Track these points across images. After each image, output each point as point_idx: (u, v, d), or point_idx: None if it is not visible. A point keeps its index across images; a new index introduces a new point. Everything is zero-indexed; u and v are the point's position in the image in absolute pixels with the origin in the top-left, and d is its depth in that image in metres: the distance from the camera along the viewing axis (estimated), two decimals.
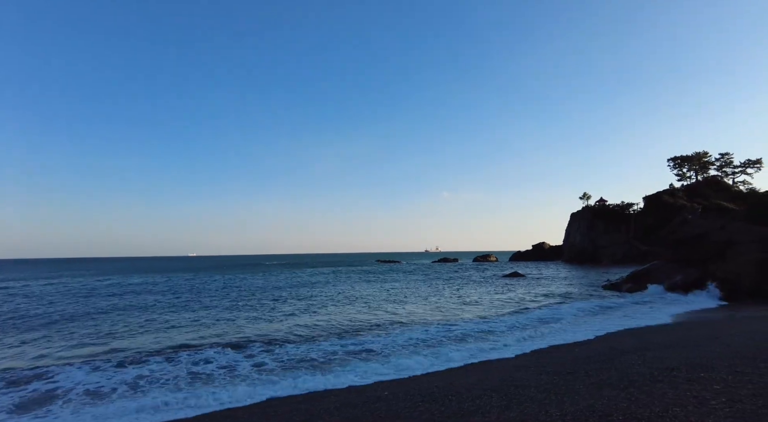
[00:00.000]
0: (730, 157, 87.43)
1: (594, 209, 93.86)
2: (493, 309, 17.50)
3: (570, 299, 19.85)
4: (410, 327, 13.04)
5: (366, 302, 22.58)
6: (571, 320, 13.77)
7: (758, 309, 16.39)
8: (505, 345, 9.88)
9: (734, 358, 7.12)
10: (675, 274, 25.85)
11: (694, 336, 10.71)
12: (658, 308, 17.85)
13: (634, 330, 11.73)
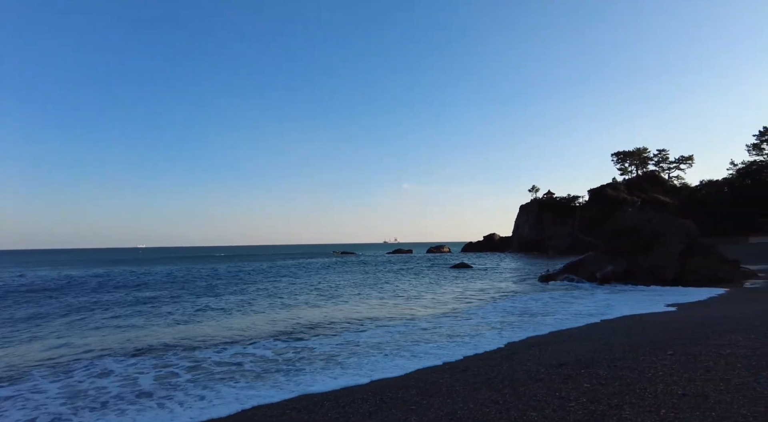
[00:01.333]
0: (666, 153, 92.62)
1: (542, 201, 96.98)
2: (429, 309, 17.25)
3: (502, 296, 19.84)
4: (329, 329, 12.34)
5: (295, 296, 21.85)
6: (495, 321, 13.44)
7: None
8: (440, 346, 9.47)
9: (624, 351, 7.03)
10: (606, 265, 26.71)
11: (603, 327, 10.78)
12: (583, 301, 18.22)
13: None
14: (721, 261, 25.66)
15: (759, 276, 24.81)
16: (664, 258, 25.32)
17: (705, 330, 8.26)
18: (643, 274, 25.34)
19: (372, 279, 32.11)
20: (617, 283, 25.18)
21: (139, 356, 9.56)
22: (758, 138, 73.63)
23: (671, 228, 26.56)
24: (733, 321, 9.14)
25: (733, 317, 9.94)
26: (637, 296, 18.41)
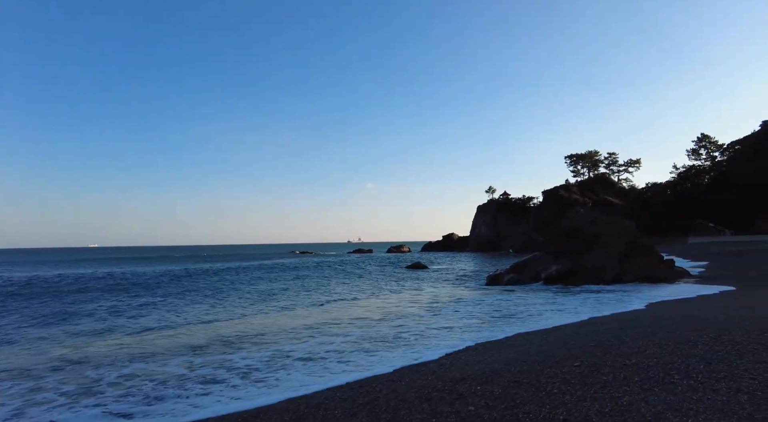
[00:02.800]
0: (616, 156, 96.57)
1: (498, 202, 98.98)
2: (357, 317, 16.53)
3: (443, 300, 19.28)
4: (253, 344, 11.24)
5: (227, 301, 20.67)
6: (418, 330, 12.65)
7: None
8: (325, 367, 8.54)
9: (534, 362, 6.56)
10: (550, 265, 26.94)
11: (530, 335, 10.39)
12: (520, 306, 18.05)
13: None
14: (658, 261, 26.39)
15: (691, 275, 25.64)
16: (606, 258, 25.77)
17: (622, 336, 7.96)
18: (586, 274, 25.67)
19: (327, 282, 31.18)
20: (560, 284, 25.38)
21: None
22: (697, 144, 77.81)
23: (613, 229, 27.12)
24: (654, 325, 8.94)
25: (656, 320, 9.80)
26: (574, 298, 18.41)
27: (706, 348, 6.30)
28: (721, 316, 9.53)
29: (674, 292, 18.50)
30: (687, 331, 7.85)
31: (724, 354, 5.79)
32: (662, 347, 6.66)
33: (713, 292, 16.88)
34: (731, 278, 23.02)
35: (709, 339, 6.87)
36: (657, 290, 20.11)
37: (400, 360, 8.29)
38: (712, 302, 13.53)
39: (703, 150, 77.68)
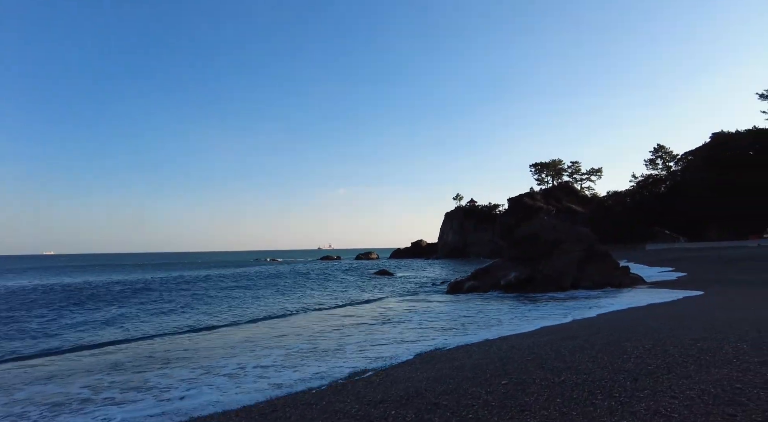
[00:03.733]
0: (578, 165, 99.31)
1: (465, 209, 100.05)
2: (303, 328, 15.91)
3: (404, 311, 18.87)
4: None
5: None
6: (362, 341, 12.18)
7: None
8: (238, 385, 7.87)
9: (464, 378, 6.14)
10: (510, 272, 26.97)
11: (475, 347, 10.03)
12: (477, 315, 17.82)
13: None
14: (614, 267, 26.82)
15: (646, 282, 26.10)
16: (564, 265, 25.98)
17: (562, 349, 7.68)
18: (544, 281, 25.78)
19: (270, 292, 30.26)
20: (519, 291, 25.38)
21: None
22: (653, 154, 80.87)
23: (571, 236, 27.44)
24: (596, 335, 8.75)
25: (601, 330, 9.63)
26: (529, 306, 18.33)
27: (638, 361, 6.04)
28: (664, 325, 9.43)
29: (626, 299, 18.67)
30: (626, 342, 7.64)
31: (654, 368, 5.52)
32: (596, 361, 6.37)
33: (664, 299, 17.04)
34: (685, 284, 23.58)
35: (644, 351, 6.65)
36: (611, 297, 20.30)
37: (328, 377, 7.73)
38: (660, 309, 13.58)
39: (660, 160, 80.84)
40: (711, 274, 28.80)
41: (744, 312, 10.62)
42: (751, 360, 5.45)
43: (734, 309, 11.58)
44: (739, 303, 13.14)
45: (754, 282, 21.23)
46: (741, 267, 30.61)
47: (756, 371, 4.96)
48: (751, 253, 38.97)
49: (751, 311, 10.86)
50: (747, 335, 7.20)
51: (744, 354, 5.87)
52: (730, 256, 38.67)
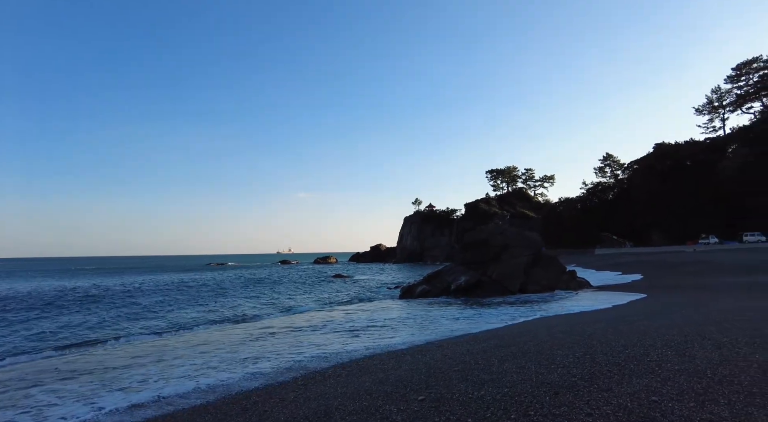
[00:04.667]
0: (532, 172, 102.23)
1: (423, 213, 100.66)
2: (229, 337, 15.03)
3: (347, 316, 18.27)
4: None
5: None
6: (290, 353, 11.51)
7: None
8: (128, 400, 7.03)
9: (379, 396, 5.64)
10: (460, 276, 26.95)
11: (405, 357, 9.61)
12: (417, 320, 17.48)
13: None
14: (561, 272, 27.34)
15: (591, 286, 26.72)
16: (512, 269, 26.20)
17: (492, 357, 7.38)
18: (493, 285, 25.92)
19: (213, 299, 28.87)
20: (469, 295, 25.36)
21: None
22: (602, 162, 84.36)
23: (519, 241, 27.77)
24: (531, 342, 8.52)
25: (536, 336, 9.42)
26: (475, 311, 18.18)
27: (564, 371, 5.75)
28: (600, 330, 9.34)
29: (570, 303, 18.91)
30: (558, 349, 7.41)
31: (578, 380, 5.23)
32: (523, 371, 6.04)
33: (606, 303, 17.34)
34: (628, 287, 24.30)
35: (573, 360, 6.40)
36: (556, 301, 20.54)
37: (235, 389, 7.03)
38: (600, 314, 13.69)
39: (608, 168, 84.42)
40: (653, 278, 29.97)
41: (675, 317, 10.75)
42: (671, 368, 5.26)
43: (667, 314, 11.76)
44: (672, 307, 13.42)
45: (690, 286, 22.13)
46: (679, 271, 32.07)
47: (674, 380, 4.75)
48: (688, 258, 41.02)
49: (682, 315, 11.03)
50: (673, 340, 7.13)
51: (667, 361, 5.70)
52: (670, 261, 40.57)
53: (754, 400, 3.97)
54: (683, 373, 5.00)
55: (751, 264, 29.24)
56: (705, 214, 62.45)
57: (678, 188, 65.50)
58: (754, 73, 68.73)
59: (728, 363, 5.27)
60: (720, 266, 31.22)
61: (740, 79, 69.98)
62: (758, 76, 68.34)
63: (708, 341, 6.81)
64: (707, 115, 75.36)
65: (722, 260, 34.71)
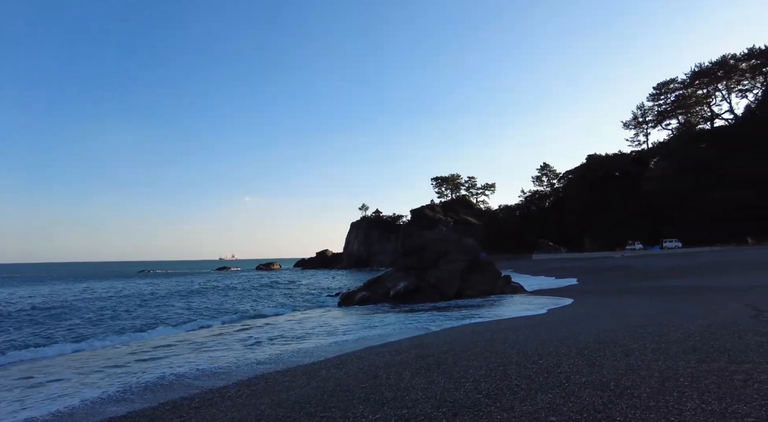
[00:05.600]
0: (474, 180, 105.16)
1: (370, 219, 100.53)
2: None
3: (273, 327, 17.35)
4: None
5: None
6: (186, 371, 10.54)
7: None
8: None
9: (277, 418, 4.97)
10: (399, 282, 26.67)
11: (316, 371, 8.96)
12: (347, 329, 16.89)
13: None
14: (497, 277, 27.77)
15: (526, 291, 27.32)
16: (450, 275, 26.29)
17: (406, 370, 6.93)
18: (431, 290, 25.84)
19: (134, 308, 26.79)
20: (407, 301, 25.10)
21: None
22: (540, 172, 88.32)
23: (457, 246, 27.96)
24: (450, 351, 8.18)
25: (457, 345, 9.12)
26: (409, 317, 17.86)
27: (472, 386, 5.37)
28: (521, 337, 9.19)
29: (500, 310, 19.08)
30: (474, 360, 7.08)
31: (483, 396, 4.85)
32: (431, 386, 5.61)
33: (536, 309, 17.56)
34: (559, 292, 25.01)
35: (485, 372, 6.06)
36: (489, 306, 20.68)
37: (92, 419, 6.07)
38: (528, 320, 13.73)
39: (545, 178, 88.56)
40: (583, 283, 31.27)
41: (596, 322, 10.89)
42: (578, 381, 5.01)
43: (590, 319, 11.93)
44: (596, 312, 13.72)
45: (616, 290, 23.14)
46: (607, 276, 33.75)
47: (578, 395, 4.46)
48: (616, 263, 43.45)
49: (602, 320, 11.19)
50: (588, 348, 7.01)
51: (577, 372, 5.48)
52: (600, 266, 42.78)
53: (649, 416, 3.72)
54: (588, 386, 4.75)
55: (668, 268, 31.27)
56: (631, 222, 66.81)
57: (608, 197, 69.67)
58: (671, 93, 74.77)
59: (632, 373, 5.10)
60: (644, 270, 33.18)
61: (660, 97, 75.89)
62: (674, 96, 74.41)
63: (619, 348, 6.74)
64: (633, 129, 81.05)
65: (645, 264, 37.01)
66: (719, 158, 60.05)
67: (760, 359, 5.17)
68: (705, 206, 57.59)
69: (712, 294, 15.18)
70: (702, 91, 72.57)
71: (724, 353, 5.64)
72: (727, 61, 68.67)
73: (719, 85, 70.85)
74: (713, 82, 70.95)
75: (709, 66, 70.09)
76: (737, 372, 4.69)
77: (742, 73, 68.72)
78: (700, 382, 4.49)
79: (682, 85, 73.38)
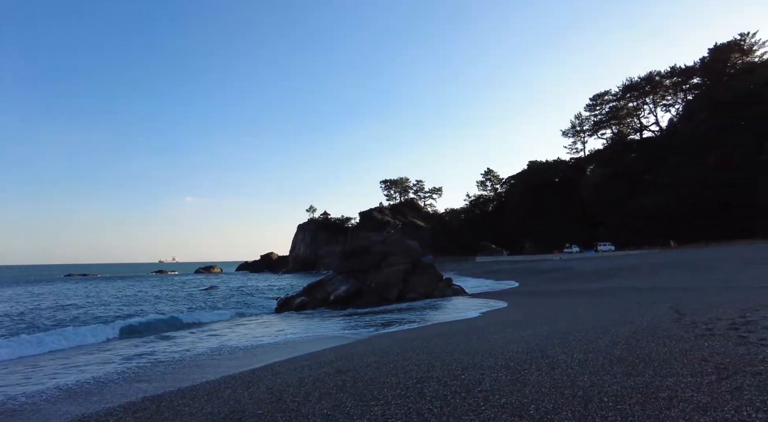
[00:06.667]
0: (422, 184, 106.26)
1: (318, 221, 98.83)
2: None
3: (173, 339, 15.68)
4: None
5: None
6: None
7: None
8: None
9: None
10: (340, 286, 25.84)
11: (218, 387, 7.97)
12: (270, 336, 15.87)
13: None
14: (438, 279, 27.60)
15: (466, 293, 27.32)
16: (391, 278, 25.80)
17: (315, 392, 6.10)
18: (372, 294, 25.22)
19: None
20: (348, 305, 24.34)
21: None
22: (484, 177, 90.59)
23: (399, 249, 27.52)
24: (373, 367, 7.46)
25: (387, 356, 8.44)
26: (339, 323, 17.06)
27: (380, 411, 4.67)
28: (450, 346, 8.67)
29: (438, 313, 18.79)
30: (393, 375, 6.40)
31: None
32: (335, 413, 4.85)
33: (472, 313, 17.30)
34: (497, 295, 25.13)
35: (400, 392, 5.38)
36: (429, 310, 20.32)
37: None
38: (462, 324, 13.35)
39: (489, 182, 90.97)
40: (523, 285, 31.87)
41: (528, 328, 10.59)
42: (497, 403, 4.43)
43: (524, 324, 11.67)
44: (531, 316, 13.54)
45: (553, 292, 23.59)
46: (545, 278, 34.67)
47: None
48: (554, 266, 44.95)
49: (536, 325, 10.94)
50: (514, 359, 6.54)
51: (497, 390, 4.91)
52: (539, 268, 44.07)
53: None
54: (507, 410, 4.18)
55: (601, 270, 32.55)
56: (569, 226, 69.87)
57: (547, 202, 72.51)
58: (606, 105, 79.26)
59: (556, 392, 4.60)
60: (579, 272, 34.38)
61: (596, 108, 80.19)
62: (609, 108, 78.91)
63: (546, 359, 6.30)
64: (571, 138, 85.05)
65: (581, 267, 38.43)
66: (647, 167, 64.21)
67: (684, 371, 4.85)
68: (635, 211, 61.25)
69: (640, 296, 15.57)
70: (632, 104, 77.45)
71: (649, 364, 5.29)
72: (653, 77, 73.72)
73: (647, 99, 75.92)
74: (642, 96, 75.94)
75: (638, 81, 74.92)
76: (662, 389, 4.30)
77: (666, 89, 74.03)
78: (625, 402, 4.03)
79: (615, 97, 77.94)
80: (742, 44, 65.57)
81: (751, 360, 5.02)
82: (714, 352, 5.54)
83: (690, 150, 59.41)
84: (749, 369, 4.61)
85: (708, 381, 4.38)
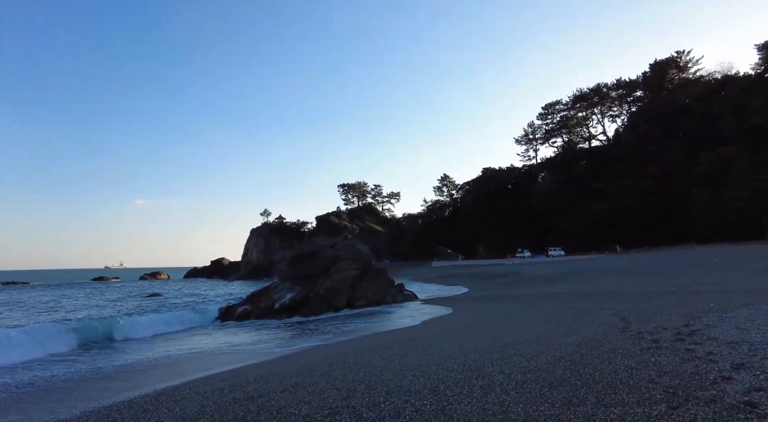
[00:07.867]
0: (380, 188, 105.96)
1: (272, 225, 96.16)
2: None
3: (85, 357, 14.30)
4: None
5: None
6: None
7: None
8: None
9: None
10: (286, 293, 24.53)
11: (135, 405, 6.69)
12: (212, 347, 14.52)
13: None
14: (389, 285, 26.82)
15: (418, 298, 26.69)
16: (340, 284, 24.79)
17: (222, 419, 5.03)
18: (320, 301, 24.10)
19: None
20: (294, 313, 23.08)
21: None
22: (440, 182, 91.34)
23: (350, 254, 26.55)
24: (289, 392, 6.46)
25: (312, 376, 7.46)
26: (280, 335, 15.92)
27: None
28: (382, 364, 7.77)
29: (384, 321, 18.03)
30: (307, 404, 5.42)
31: None
32: None
33: (419, 319, 16.65)
34: (447, 301, 24.65)
35: (309, 413, 4.43)
36: (376, 317, 19.52)
37: None
38: (404, 333, 12.57)
39: (445, 188, 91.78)
40: (474, 290, 31.67)
41: (471, 338, 9.92)
42: None
43: (466, 334, 11.02)
44: (476, 325, 12.93)
45: (503, 297, 23.34)
46: (497, 282, 34.72)
47: None
48: (506, 270, 45.35)
49: (479, 336, 10.30)
50: (446, 380, 5.74)
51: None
52: (491, 272, 44.32)
53: None
54: None
55: (551, 275, 32.90)
56: (521, 231, 71.38)
57: (501, 207, 73.84)
58: (557, 114, 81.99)
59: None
60: (530, 277, 34.63)
61: (547, 117, 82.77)
62: (560, 117, 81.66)
63: (482, 380, 5.54)
64: (524, 145, 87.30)
65: (532, 272, 38.85)
66: (595, 175, 66.66)
67: (630, 398, 4.18)
68: (583, 217, 63.32)
69: (587, 301, 15.39)
70: (582, 113, 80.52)
71: (592, 388, 4.61)
72: (601, 88, 77.02)
73: (595, 109, 79.17)
74: (590, 107, 79.12)
75: (587, 92, 78.01)
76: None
77: (613, 100, 77.50)
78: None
79: (566, 107, 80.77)
80: (678, 61, 69.73)
81: (701, 381, 4.44)
82: (662, 371, 4.95)
83: (633, 160, 62.25)
84: (701, 395, 4.01)
85: (657, 413, 3.72)
